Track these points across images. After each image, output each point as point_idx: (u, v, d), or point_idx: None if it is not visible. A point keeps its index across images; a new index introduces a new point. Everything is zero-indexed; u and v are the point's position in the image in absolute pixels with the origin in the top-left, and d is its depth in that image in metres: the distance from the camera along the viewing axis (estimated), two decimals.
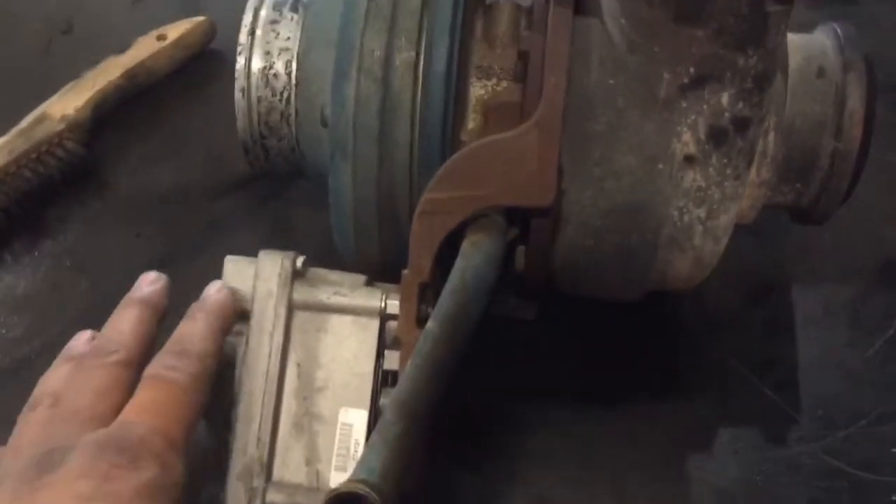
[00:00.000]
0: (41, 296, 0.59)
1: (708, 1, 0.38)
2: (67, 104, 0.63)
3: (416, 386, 0.38)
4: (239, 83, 0.47)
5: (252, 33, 0.47)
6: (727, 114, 0.41)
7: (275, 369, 0.43)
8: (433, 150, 0.44)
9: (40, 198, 0.62)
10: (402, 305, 0.42)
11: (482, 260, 0.41)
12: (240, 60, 0.47)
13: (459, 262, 0.41)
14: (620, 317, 0.52)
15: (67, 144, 0.62)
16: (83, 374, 0.41)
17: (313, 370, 0.44)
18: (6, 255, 0.60)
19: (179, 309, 0.44)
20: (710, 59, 0.40)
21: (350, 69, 0.43)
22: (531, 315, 0.54)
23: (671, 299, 0.53)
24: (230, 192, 0.63)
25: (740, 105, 0.41)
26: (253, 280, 0.44)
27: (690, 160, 0.42)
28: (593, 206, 0.43)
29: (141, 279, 0.45)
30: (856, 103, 0.45)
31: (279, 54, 0.47)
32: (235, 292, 0.44)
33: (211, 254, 0.46)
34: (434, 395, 0.38)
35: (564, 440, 0.51)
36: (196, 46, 0.69)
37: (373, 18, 0.43)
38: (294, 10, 0.47)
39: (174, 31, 0.68)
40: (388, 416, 0.37)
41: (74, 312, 0.57)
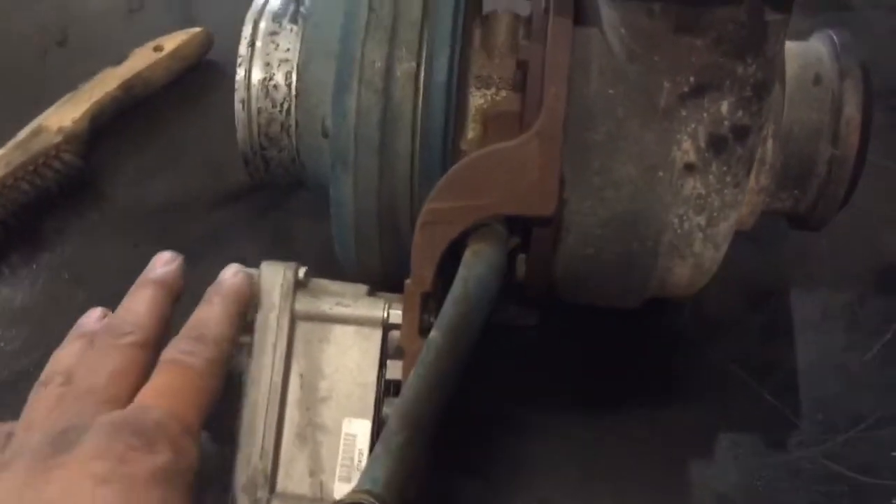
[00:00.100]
0: (39, 308, 0.58)
1: (708, 10, 0.38)
2: (64, 116, 0.63)
3: (420, 395, 0.38)
4: (239, 94, 0.47)
5: (252, 45, 0.47)
6: (727, 122, 0.41)
7: (278, 380, 0.43)
8: (434, 161, 0.44)
9: (38, 210, 0.62)
10: (405, 315, 0.43)
11: (484, 269, 0.41)
12: (240, 72, 0.47)
13: (462, 272, 0.41)
14: (620, 323, 0.52)
15: (64, 156, 0.62)
16: (98, 354, 0.41)
17: (316, 381, 0.44)
18: (4, 268, 0.60)
19: (179, 317, 0.44)
20: (710, 68, 0.40)
21: (351, 80, 0.43)
22: (532, 322, 0.54)
23: (671, 305, 0.53)
24: (229, 203, 0.63)
25: (740, 113, 0.41)
26: (255, 291, 0.44)
27: (690, 168, 0.42)
28: (594, 215, 0.43)
29: (156, 259, 0.45)
30: (852, 110, 0.45)
31: (279, 65, 0.47)
32: (251, 276, 0.44)
33: (210, 264, 0.46)
34: (437, 405, 0.38)
35: (566, 445, 0.51)
36: (193, 57, 0.69)
37: (373, 29, 0.43)
38: (294, 22, 0.47)
39: (171, 42, 0.68)
40: (392, 426, 0.37)
41: (73, 324, 0.57)
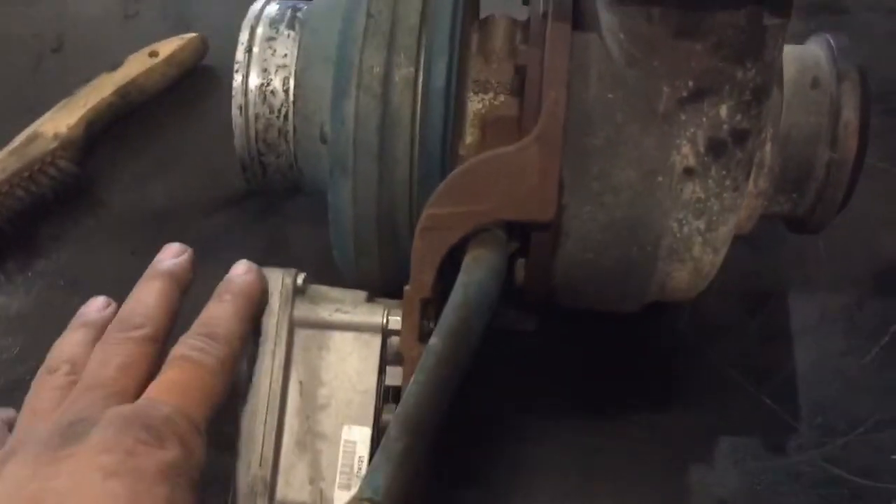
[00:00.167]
0: (35, 316, 0.58)
1: (707, 15, 0.38)
2: (60, 122, 0.63)
3: (420, 402, 0.38)
4: (236, 100, 0.47)
5: (249, 51, 0.47)
6: (726, 126, 0.41)
7: (277, 387, 0.43)
8: (433, 166, 0.44)
9: (33, 217, 0.62)
10: (405, 321, 0.42)
11: (484, 275, 0.41)
12: (237, 78, 0.47)
13: (462, 278, 0.40)
14: (619, 327, 0.52)
15: (60, 163, 0.62)
16: (108, 346, 0.41)
17: (315, 388, 0.44)
18: None
19: (181, 322, 0.43)
20: (709, 73, 0.40)
21: (349, 86, 0.43)
22: (531, 327, 0.54)
23: (669, 309, 0.53)
24: (225, 209, 0.62)
25: (739, 117, 0.41)
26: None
27: (690, 172, 0.42)
28: (593, 220, 0.43)
29: (165, 250, 0.45)
30: (850, 114, 0.46)
31: (276, 71, 0.47)
32: (263, 273, 0.44)
33: (206, 270, 0.45)
34: (438, 411, 0.38)
35: (565, 450, 0.51)
36: (188, 63, 0.69)
37: (371, 35, 0.43)
38: (291, 28, 0.47)
39: (166, 48, 0.68)
40: (392, 433, 0.37)
41: None
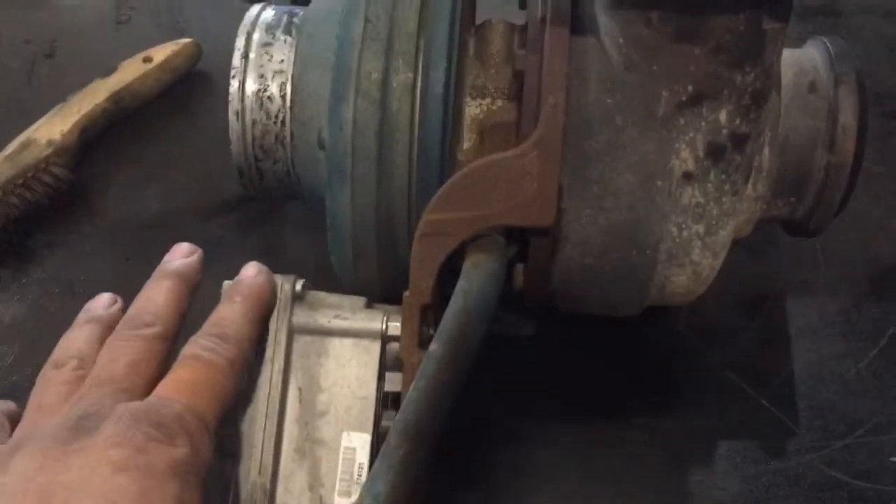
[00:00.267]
0: (30, 323, 0.58)
1: (706, 19, 0.38)
2: (53, 128, 0.63)
3: (420, 408, 0.38)
4: (233, 106, 0.47)
5: (245, 56, 0.47)
6: (725, 130, 0.41)
7: (276, 394, 0.43)
8: (432, 172, 0.44)
9: (27, 224, 0.61)
10: (404, 327, 0.42)
11: (484, 280, 0.41)
12: (233, 84, 0.47)
13: (461, 283, 0.40)
14: (618, 331, 0.52)
15: (54, 169, 0.62)
16: (118, 343, 0.41)
17: (315, 394, 0.43)
18: None
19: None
20: (708, 77, 0.40)
21: (347, 92, 0.43)
22: (529, 331, 0.54)
23: (668, 313, 0.53)
24: (221, 214, 0.62)
25: (738, 121, 0.41)
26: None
27: (689, 177, 0.42)
28: (592, 225, 0.43)
29: (174, 250, 0.45)
30: (848, 117, 0.46)
31: (273, 77, 0.46)
32: (272, 275, 0.44)
33: (204, 275, 0.45)
34: (438, 417, 0.38)
35: (564, 454, 0.51)
36: (182, 69, 0.69)
37: (370, 41, 0.43)
38: (287, 33, 0.47)
39: (160, 54, 0.68)
40: (392, 440, 0.37)
41: None
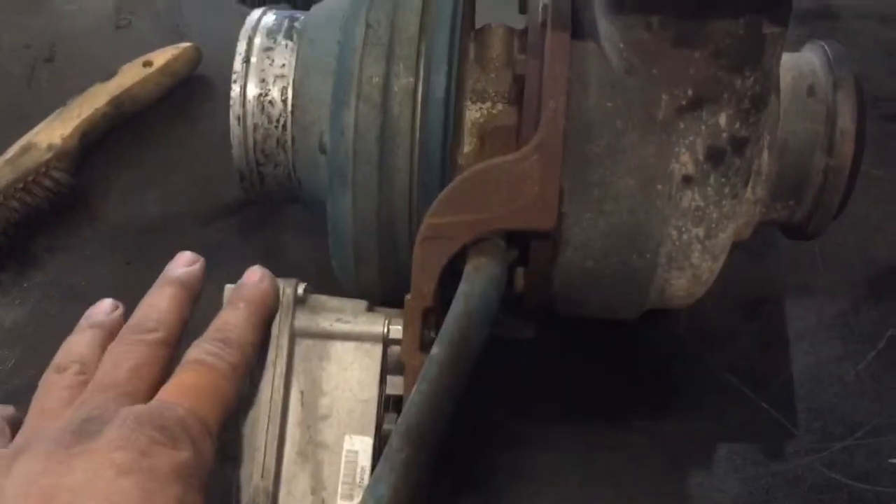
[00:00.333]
0: (31, 328, 0.58)
1: (706, 23, 0.38)
2: (54, 133, 0.63)
3: (422, 411, 0.38)
4: (234, 110, 0.47)
5: (247, 61, 0.47)
6: (725, 134, 0.41)
7: (278, 398, 0.43)
8: (433, 176, 0.44)
9: (28, 228, 0.62)
10: (406, 330, 0.42)
11: (485, 284, 0.41)
12: (235, 88, 0.47)
13: (463, 287, 0.41)
14: (617, 334, 0.53)
15: (54, 174, 0.62)
16: (121, 348, 0.41)
17: (317, 398, 0.44)
18: None
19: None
20: (708, 81, 0.40)
21: (349, 96, 0.43)
22: (529, 335, 0.54)
23: (667, 316, 0.54)
24: (221, 218, 0.62)
25: (737, 125, 0.41)
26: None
27: (689, 180, 0.42)
28: (593, 228, 0.43)
29: (177, 258, 0.45)
30: (847, 121, 0.46)
31: (274, 81, 0.47)
32: (275, 280, 0.44)
33: (205, 278, 0.46)
34: (440, 420, 0.38)
35: (565, 457, 0.51)
36: (182, 73, 0.69)
37: (371, 46, 0.43)
38: (288, 38, 0.47)
39: (160, 58, 0.68)
40: (395, 443, 0.37)
41: None
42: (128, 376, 0.40)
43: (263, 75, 0.47)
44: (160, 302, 0.43)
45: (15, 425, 0.41)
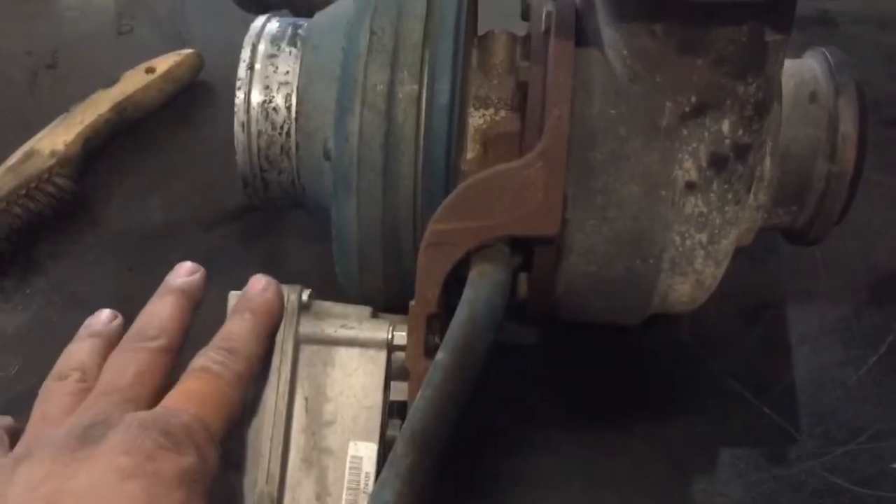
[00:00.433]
0: (33, 333, 0.58)
1: (709, 31, 0.39)
2: (57, 139, 0.63)
3: (427, 416, 0.38)
4: (238, 117, 0.47)
5: (251, 68, 0.47)
6: (728, 140, 0.42)
7: (283, 404, 0.43)
8: (437, 182, 0.44)
9: (31, 234, 0.62)
10: (411, 336, 0.43)
11: (490, 290, 0.41)
12: (239, 95, 0.47)
13: (467, 293, 0.41)
14: (620, 339, 0.53)
15: (57, 180, 0.62)
16: (124, 355, 0.42)
17: (321, 404, 0.44)
18: None
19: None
20: (712, 88, 0.40)
21: (353, 103, 0.43)
22: (532, 340, 0.54)
23: (669, 321, 0.54)
24: (224, 224, 0.62)
25: (740, 132, 0.41)
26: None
27: (692, 187, 0.42)
28: (596, 234, 0.43)
29: (177, 268, 0.46)
30: (849, 127, 0.46)
31: (278, 88, 0.47)
32: (280, 288, 0.44)
33: (206, 286, 0.46)
34: (445, 427, 0.38)
35: (567, 463, 0.51)
36: (185, 79, 0.69)
37: (375, 53, 0.43)
38: (292, 45, 0.47)
39: (163, 64, 0.68)
40: (399, 448, 0.37)
41: None
42: (131, 382, 0.40)
43: (267, 82, 0.47)
44: (161, 310, 0.44)
45: (12, 435, 0.41)
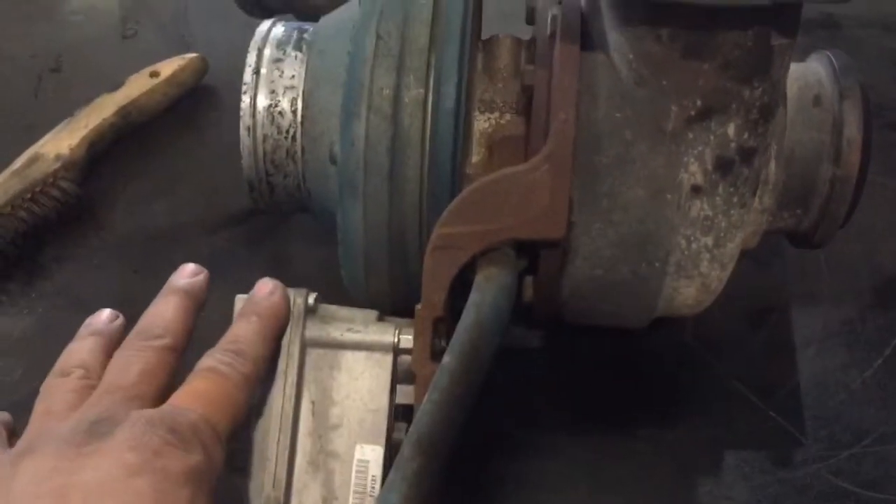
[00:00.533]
0: (38, 337, 0.58)
1: (715, 35, 0.39)
2: (61, 143, 0.63)
3: (434, 420, 0.38)
4: (244, 121, 0.47)
5: (257, 72, 0.47)
6: (733, 144, 0.42)
7: (289, 408, 0.43)
8: (443, 186, 0.44)
9: (36, 238, 0.62)
10: (417, 340, 0.43)
11: (496, 294, 0.41)
12: (245, 99, 0.47)
13: (474, 297, 0.41)
14: (625, 342, 0.53)
15: (62, 184, 0.62)
16: (128, 353, 0.42)
17: (328, 408, 0.44)
18: (2, 297, 0.60)
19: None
20: (717, 92, 0.40)
21: (359, 107, 0.43)
22: (538, 343, 0.54)
23: (674, 324, 0.54)
24: (228, 228, 0.63)
25: (746, 135, 0.42)
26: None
27: (697, 190, 0.42)
28: (602, 238, 0.43)
29: (181, 269, 0.46)
30: (853, 131, 0.46)
31: (284, 92, 0.47)
32: (286, 291, 0.44)
33: (211, 289, 0.46)
34: (452, 430, 0.38)
35: (572, 466, 0.51)
36: (189, 83, 0.69)
37: (381, 57, 0.43)
38: (298, 49, 0.48)
39: (167, 68, 0.68)
40: (406, 452, 0.37)
41: None
42: (136, 381, 0.40)
43: (273, 86, 0.47)
44: (165, 310, 0.44)
45: (11, 432, 0.41)
